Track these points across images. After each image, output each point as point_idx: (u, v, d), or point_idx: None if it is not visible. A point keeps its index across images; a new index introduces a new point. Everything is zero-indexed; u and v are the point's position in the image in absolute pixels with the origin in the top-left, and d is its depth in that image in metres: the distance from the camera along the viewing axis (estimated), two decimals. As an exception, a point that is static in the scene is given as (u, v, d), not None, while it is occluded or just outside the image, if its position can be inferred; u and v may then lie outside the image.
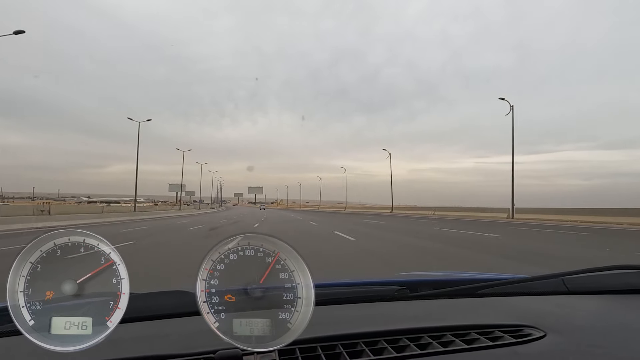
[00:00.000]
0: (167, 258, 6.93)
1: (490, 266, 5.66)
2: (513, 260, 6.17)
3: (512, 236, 11.09)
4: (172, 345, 0.65)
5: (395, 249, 8.07)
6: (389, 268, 5.59)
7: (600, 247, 8.50)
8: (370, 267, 5.74)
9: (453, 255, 6.97)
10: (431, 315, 0.83)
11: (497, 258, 6.47)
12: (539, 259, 6.36)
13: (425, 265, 5.87)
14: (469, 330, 0.70)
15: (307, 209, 74.22)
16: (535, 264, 5.74)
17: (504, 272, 1.25)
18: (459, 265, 5.81)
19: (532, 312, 0.81)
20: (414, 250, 7.83)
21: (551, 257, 6.66)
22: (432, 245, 8.70)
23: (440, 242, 9.14)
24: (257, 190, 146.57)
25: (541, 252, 7.28)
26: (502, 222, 20.68)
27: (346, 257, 6.85)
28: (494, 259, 6.41)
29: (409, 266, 5.80)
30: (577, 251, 7.68)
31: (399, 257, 6.74)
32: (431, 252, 7.49)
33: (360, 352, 0.63)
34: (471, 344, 0.65)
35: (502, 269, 5.45)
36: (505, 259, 6.31)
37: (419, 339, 0.67)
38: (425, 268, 5.76)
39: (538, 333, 0.68)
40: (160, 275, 4.92)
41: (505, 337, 0.67)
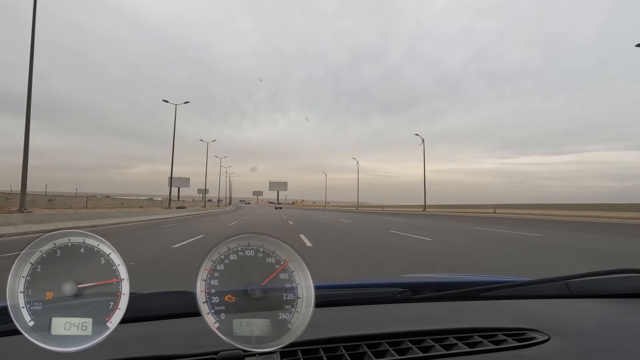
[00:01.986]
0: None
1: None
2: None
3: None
4: (174, 345, 0.65)
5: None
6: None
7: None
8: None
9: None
10: (434, 318, 0.83)
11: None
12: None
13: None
14: (471, 333, 0.70)
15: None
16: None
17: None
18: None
19: (535, 316, 0.81)
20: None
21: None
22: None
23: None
24: (281, 185, 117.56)
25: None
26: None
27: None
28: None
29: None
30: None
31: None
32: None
33: (363, 354, 0.62)
34: (474, 347, 0.64)
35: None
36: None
37: (421, 341, 0.66)
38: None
39: (542, 337, 0.68)
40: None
41: (508, 341, 0.67)
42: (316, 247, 7.39)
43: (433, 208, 36.86)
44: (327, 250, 6.94)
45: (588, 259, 5.85)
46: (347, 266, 5.19)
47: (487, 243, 8.00)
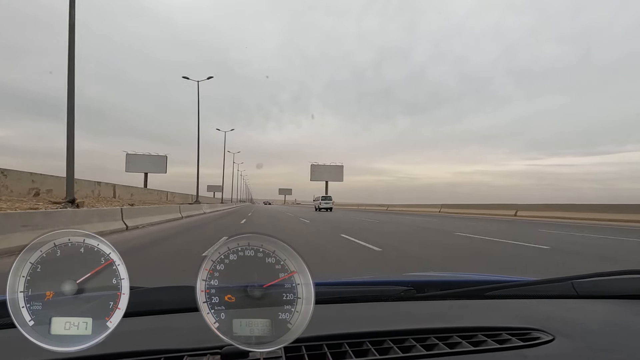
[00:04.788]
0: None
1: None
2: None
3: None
4: (180, 339, 0.65)
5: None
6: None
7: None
8: None
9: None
10: (438, 316, 0.82)
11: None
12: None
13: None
14: (476, 332, 0.69)
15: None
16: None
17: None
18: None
19: (540, 316, 0.80)
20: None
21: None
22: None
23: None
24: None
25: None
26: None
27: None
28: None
29: None
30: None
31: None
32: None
33: (366, 351, 0.62)
34: (478, 346, 0.64)
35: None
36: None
37: (425, 339, 0.66)
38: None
39: (546, 337, 0.67)
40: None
41: (512, 340, 0.66)
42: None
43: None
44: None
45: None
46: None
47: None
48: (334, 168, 63.78)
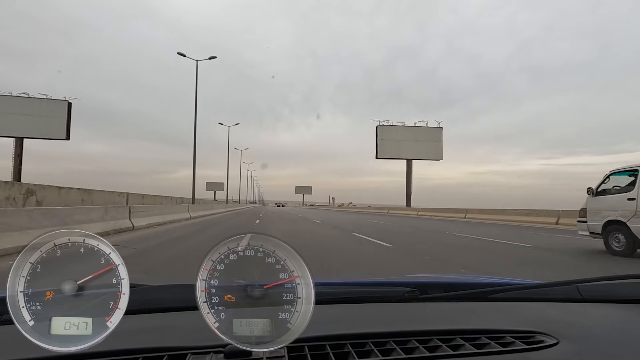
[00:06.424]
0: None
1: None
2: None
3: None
4: (182, 337, 0.65)
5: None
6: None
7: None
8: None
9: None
10: (441, 318, 0.82)
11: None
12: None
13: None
14: (479, 334, 0.69)
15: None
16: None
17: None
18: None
19: (545, 319, 0.79)
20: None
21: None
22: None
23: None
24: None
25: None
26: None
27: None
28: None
29: None
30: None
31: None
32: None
33: (369, 352, 0.62)
34: (481, 349, 0.63)
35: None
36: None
37: (428, 341, 0.66)
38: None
39: (550, 340, 0.66)
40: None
41: (516, 343, 0.65)
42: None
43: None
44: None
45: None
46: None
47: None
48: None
